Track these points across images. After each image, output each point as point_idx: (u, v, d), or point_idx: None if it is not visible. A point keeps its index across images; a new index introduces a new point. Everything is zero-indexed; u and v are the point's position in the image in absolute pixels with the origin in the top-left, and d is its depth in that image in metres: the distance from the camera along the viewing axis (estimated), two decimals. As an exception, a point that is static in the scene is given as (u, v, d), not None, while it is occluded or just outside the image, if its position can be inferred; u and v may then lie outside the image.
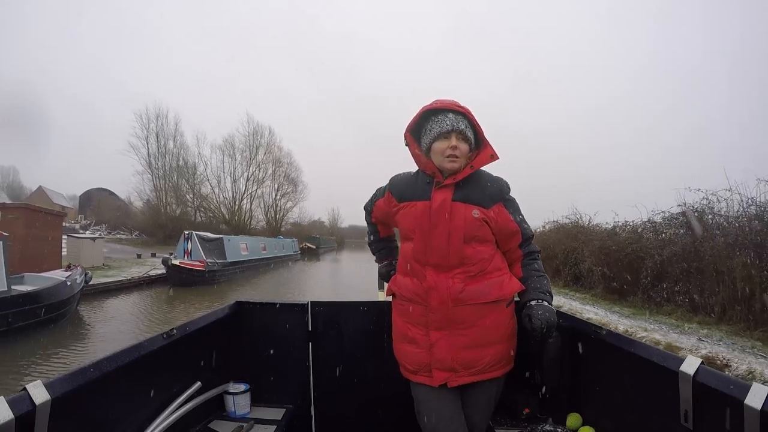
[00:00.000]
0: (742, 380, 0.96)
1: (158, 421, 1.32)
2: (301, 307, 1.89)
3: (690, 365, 1.05)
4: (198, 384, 1.54)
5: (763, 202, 6.99)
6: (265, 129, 40.43)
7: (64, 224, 13.31)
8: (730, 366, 4.38)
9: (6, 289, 6.27)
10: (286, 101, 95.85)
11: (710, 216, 7.81)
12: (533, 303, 1.37)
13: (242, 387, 1.77)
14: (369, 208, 1.66)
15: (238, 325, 1.87)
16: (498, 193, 1.42)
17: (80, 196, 55.43)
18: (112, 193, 48.14)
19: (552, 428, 1.56)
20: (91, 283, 9.31)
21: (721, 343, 5.71)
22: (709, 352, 4.80)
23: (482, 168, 1.44)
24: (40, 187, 54.29)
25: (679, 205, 8.40)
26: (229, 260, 16.02)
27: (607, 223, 10.57)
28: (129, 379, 1.24)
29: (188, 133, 38.40)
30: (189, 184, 36.77)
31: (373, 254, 1.81)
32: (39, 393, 0.92)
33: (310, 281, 17.94)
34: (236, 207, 38.22)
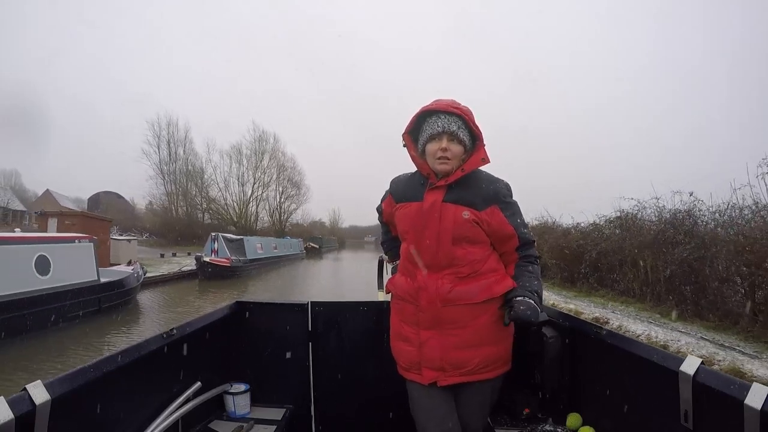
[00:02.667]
0: (742, 380, 0.96)
1: (158, 421, 1.33)
2: (301, 307, 1.91)
3: (690, 365, 1.05)
4: (198, 384, 1.55)
5: (674, 209, 9.15)
6: (270, 136, 43.07)
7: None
8: (609, 322, 6.52)
9: (96, 278, 8.39)
10: (286, 101, 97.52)
11: (640, 220, 9.98)
12: (519, 299, 1.34)
13: (242, 387, 1.79)
14: (380, 210, 1.71)
15: (238, 325, 1.89)
16: (493, 195, 1.40)
17: (88, 199, 57.24)
18: (119, 196, 50.21)
19: (552, 428, 1.56)
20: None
21: (626, 314, 7.85)
22: (598, 315, 6.96)
23: (483, 169, 1.44)
24: (47, 190, 56.09)
25: (615, 211, 10.58)
26: (249, 258, 18.49)
27: (566, 223, 12.73)
28: (129, 379, 1.25)
29: (195, 139, 40.44)
30: (198, 188, 38.97)
31: (385, 254, 1.84)
32: (39, 393, 0.93)
33: (315, 276, 20.37)
34: (243, 209, 40.45)
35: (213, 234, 17.02)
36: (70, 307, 7.67)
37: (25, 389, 0.92)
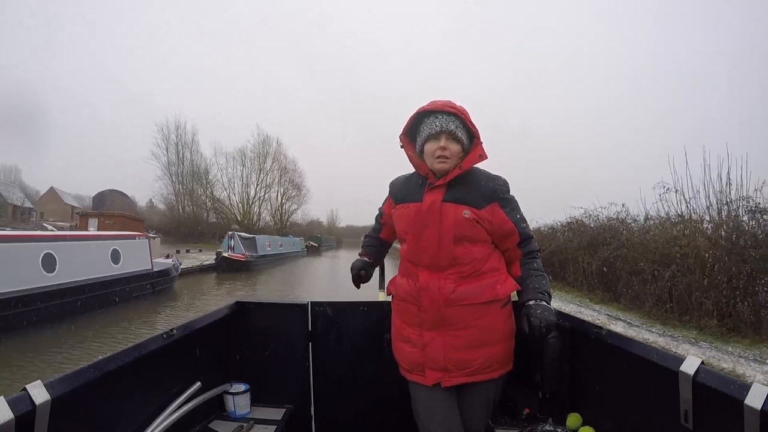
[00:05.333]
0: (742, 380, 0.98)
1: (158, 421, 1.36)
2: (301, 307, 1.94)
3: (690, 365, 1.07)
4: (198, 384, 1.58)
5: (608, 217, 11.58)
6: (273, 140, 45.73)
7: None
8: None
9: (151, 267, 10.76)
10: (287, 101, 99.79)
11: (585, 225, 12.39)
12: (531, 303, 1.37)
13: (242, 387, 1.82)
14: (380, 211, 1.77)
15: (238, 325, 1.92)
16: (492, 193, 1.43)
17: (93, 197, 58.96)
18: (123, 195, 52.26)
19: (552, 428, 1.59)
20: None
21: (560, 298, 10.23)
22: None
23: (481, 167, 1.47)
24: (51, 188, 57.95)
25: (569, 217, 12.98)
26: (259, 254, 21.22)
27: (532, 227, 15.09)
28: (129, 379, 1.27)
29: (197, 138, 42.64)
30: (203, 188, 41.39)
31: (362, 247, 1.85)
32: (39, 393, 0.95)
33: (316, 271, 23.15)
34: (247, 210, 42.86)
35: (230, 233, 19.70)
36: (134, 289, 10.04)
37: (25, 389, 0.94)
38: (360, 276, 1.75)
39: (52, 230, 11.61)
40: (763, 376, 4.99)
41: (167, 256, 13.58)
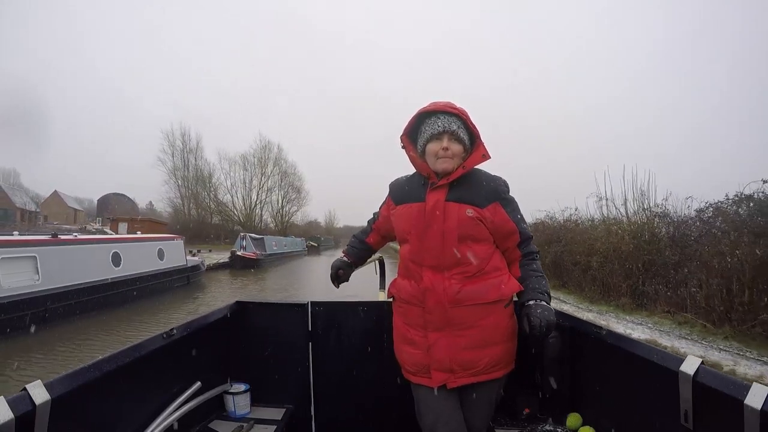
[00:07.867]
0: (742, 380, 0.99)
1: (158, 421, 1.38)
2: (301, 307, 1.96)
3: (690, 365, 1.08)
4: (198, 384, 1.61)
5: (564, 218, 14.11)
6: (274, 145, 48.59)
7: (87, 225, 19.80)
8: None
9: (185, 263, 13.29)
10: (287, 101, 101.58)
11: (546, 226, 14.92)
12: (531, 303, 1.40)
13: (242, 387, 1.85)
14: (376, 216, 1.79)
15: (238, 325, 1.94)
16: (494, 193, 1.47)
17: (98, 200, 60.59)
18: (127, 198, 54.45)
19: (552, 428, 1.61)
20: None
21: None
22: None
23: (481, 168, 1.51)
24: (55, 191, 59.91)
25: (535, 219, 15.49)
26: (267, 252, 24.03)
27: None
28: (129, 379, 1.29)
29: (204, 147, 45.03)
30: (207, 192, 43.92)
31: (348, 245, 1.89)
32: (39, 393, 0.96)
33: (316, 268, 25.30)
34: (249, 212, 45.41)
35: (242, 234, 22.47)
36: (174, 281, 12.56)
37: (25, 389, 0.95)
38: (338, 275, 1.81)
39: (110, 234, 14.14)
40: (623, 328, 7.50)
41: (193, 255, 16.05)
